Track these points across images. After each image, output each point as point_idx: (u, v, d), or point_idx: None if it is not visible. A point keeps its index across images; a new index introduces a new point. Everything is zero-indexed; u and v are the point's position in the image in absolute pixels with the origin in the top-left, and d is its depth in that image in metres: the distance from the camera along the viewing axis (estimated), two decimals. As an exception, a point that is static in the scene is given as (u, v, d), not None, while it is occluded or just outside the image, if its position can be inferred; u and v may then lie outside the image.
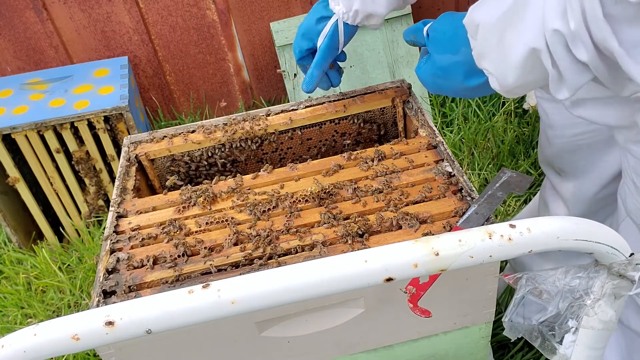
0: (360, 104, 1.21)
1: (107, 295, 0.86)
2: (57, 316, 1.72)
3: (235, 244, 0.91)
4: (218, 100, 2.47)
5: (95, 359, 1.64)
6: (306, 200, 0.97)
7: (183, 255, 0.90)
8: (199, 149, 1.19)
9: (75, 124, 1.86)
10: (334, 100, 1.23)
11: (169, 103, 2.44)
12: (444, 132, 2.22)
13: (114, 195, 1.06)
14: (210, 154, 1.20)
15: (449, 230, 0.88)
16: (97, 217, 2.06)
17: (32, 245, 2.08)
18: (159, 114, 2.43)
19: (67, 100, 1.91)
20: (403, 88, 1.23)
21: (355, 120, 1.22)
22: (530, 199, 1.89)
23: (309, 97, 1.25)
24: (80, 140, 1.92)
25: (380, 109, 1.23)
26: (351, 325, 0.89)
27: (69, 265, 1.95)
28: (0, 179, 1.97)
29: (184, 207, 1.00)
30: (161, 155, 1.18)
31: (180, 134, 1.19)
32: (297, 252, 0.88)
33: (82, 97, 1.92)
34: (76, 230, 2.08)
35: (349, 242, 0.88)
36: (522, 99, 2.23)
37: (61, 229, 2.10)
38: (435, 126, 2.26)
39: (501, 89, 0.76)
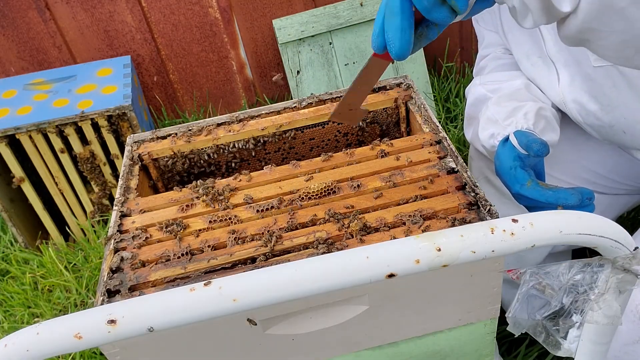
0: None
1: (112, 294, 0.87)
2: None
3: (239, 242, 0.91)
4: (221, 98, 2.47)
5: (101, 357, 1.64)
6: (309, 198, 0.97)
7: (187, 253, 0.90)
8: (201, 148, 1.19)
9: (79, 124, 1.87)
10: (337, 100, 1.22)
11: (172, 102, 2.45)
12: (447, 128, 2.22)
13: (117, 194, 1.06)
14: (212, 153, 1.20)
15: (452, 226, 0.87)
16: (102, 216, 2.07)
17: (38, 245, 2.09)
18: (162, 113, 2.43)
19: (70, 100, 1.91)
20: (406, 85, 1.23)
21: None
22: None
23: (312, 94, 1.25)
24: (84, 140, 1.93)
25: (383, 109, 1.22)
26: (355, 322, 0.89)
27: (75, 264, 1.96)
28: (5, 179, 1.98)
29: (187, 206, 1.01)
30: (164, 155, 1.18)
31: (183, 133, 1.20)
32: (300, 250, 0.88)
33: (86, 96, 1.92)
34: (82, 229, 2.09)
35: (352, 239, 0.88)
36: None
37: (67, 229, 2.11)
38: (439, 122, 2.26)
39: None
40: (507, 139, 1.06)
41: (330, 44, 2.25)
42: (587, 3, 0.71)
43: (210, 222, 0.96)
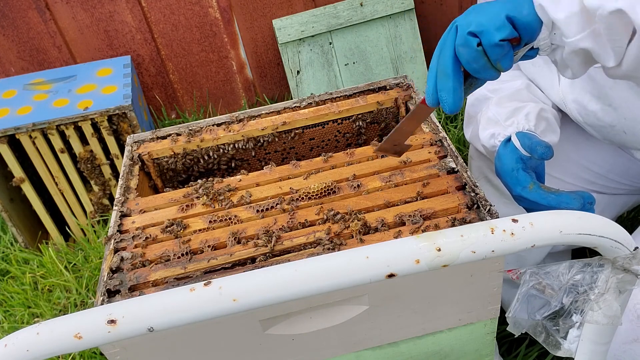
0: (363, 103, 1.20)
1: (112, 294, 0.87)
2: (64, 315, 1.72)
3: (239, 242, 0.91)
4: (221, 98, 2.47)
5: (101, 357, 1.64)
6: (309, 198, 0.97)
7: (187, 253, 0.90)
8: (201, 148, 1.19)
9: (79, 124, 1.87)
10: (337, 100, 1.22)
11: (172, 102, 2.45)
12: (447, 128, 2.21)
13: (117, 194, 1.06)
14: (212, 153, 1.20)
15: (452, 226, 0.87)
16: (102, 216, 2.07)
17: (38, 244, 2.09)
18: (162, 113, 2.43)
19: (70, 100, 1.91)
20: (406, 85, 1.23)
21: (358, 121, 1.22)
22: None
23: (312, 94, 1.25)
24: (84, 140, 1.93)
25: (383, 108, 1.22)
26: (355, 322, 0.89)
27: (74, 264, 1.96)
28: (5, 179, 1.98)
29: (187, 206, 1.01)
30: (164, 155, 1.18)
31: (182, 133, 1.20)
32: (300, 250, 0.88)
33: (86, 96, 1.92)
34: (82, 229, 2.09)
35: (352, 239, 0.88)
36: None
37: (67, 229, 2.11)
38: (439, 122, 2.26)
39: None
40: (508, 140, 1.06)
41: (330, 44, 2.25)
42: (629, 59, 0.78)
43: (210, 222, 0.96)
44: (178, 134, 1.20)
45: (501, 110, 1.11)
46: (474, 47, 0.78)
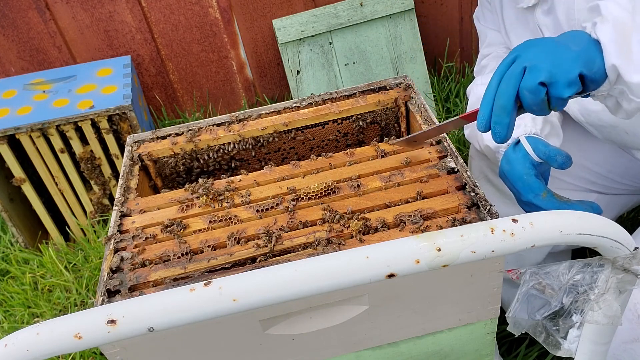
0: (363, 104, 1.20)
1: (112, 294, 0.87)
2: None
3: (239, 242, 0.91)
4: (221, 98, 2.47)
5: (101, 357, 1.64)
6: (309, 198, 0.97)
7: (187, 253, 0.90)
8: (201, 148, 1.19)
9: (79, 124, 1.87)
10: (337, 100, 1.22)
11: (172, 102, 2.45)
12: (448, 128, 2.21)
13: (117, 194, 1.06)
14: (212, 153, 1.20)
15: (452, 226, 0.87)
16: (102, 216, 2.07)
17: (38, 244, 2.09)
18: (162, 113, 2.43)
19: (70, 100, 1.91)
20: (406, 85, 1.23)
21: (358, 121, 1.22)
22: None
23: (312, 94, 1.25)
24: (84, 140, 1.93)
25: (383, 108, 1.22)
26: (355, 322, 0.89)
27: (74, 264, 1.96)
28: (5, 179, 1.98)
29: (187, 206, 1.01)
30: (164, 155, 1.18)
31: (182, 133, 1.20)
32: (300, 250, 0.88)
33: (86, 96, 1.92)
34: (82, 229, 2.09)
35: (352, 239, 0.88)
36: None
37: (67, 229, 2.11)
38: (439, 122, 2.26)
39: None
40: (516, 142, 1.04)
41: (330, 44, 2.25)
42: None
43: (210, 222, 0.96)
44: (178, 134, 1.20)
45: None
46: (541, 97, 0.80)
